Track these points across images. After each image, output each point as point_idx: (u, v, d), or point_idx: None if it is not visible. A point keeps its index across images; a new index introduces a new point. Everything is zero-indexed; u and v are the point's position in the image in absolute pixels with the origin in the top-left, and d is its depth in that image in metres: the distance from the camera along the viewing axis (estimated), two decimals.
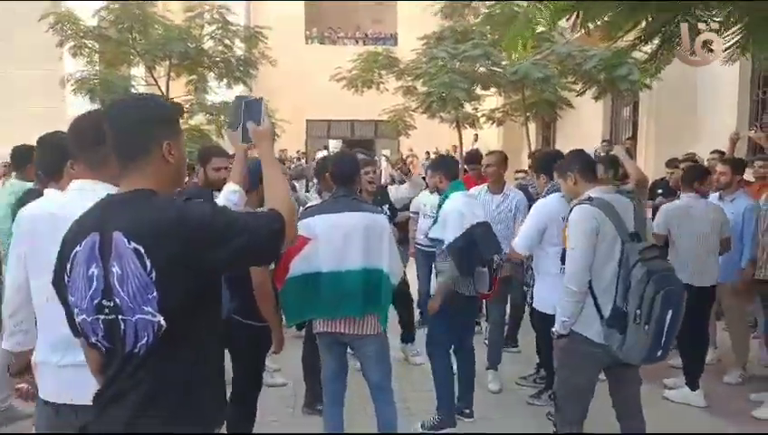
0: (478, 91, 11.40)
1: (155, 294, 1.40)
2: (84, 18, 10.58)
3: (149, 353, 1.43)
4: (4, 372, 3.77)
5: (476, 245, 3.47)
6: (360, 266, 2.83)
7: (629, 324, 2.42)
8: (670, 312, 2.38)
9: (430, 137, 16.35)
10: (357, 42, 20.63)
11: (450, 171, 3.86)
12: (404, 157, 19.92)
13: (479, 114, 12.89)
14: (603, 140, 10.97)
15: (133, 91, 11.01)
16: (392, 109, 13.89)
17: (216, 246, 1.42)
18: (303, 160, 17.44)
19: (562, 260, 2.96)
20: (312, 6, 21.21)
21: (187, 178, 3.90)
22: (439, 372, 3.66)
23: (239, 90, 14.03)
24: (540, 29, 10.08)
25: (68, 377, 1.83)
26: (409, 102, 13.09)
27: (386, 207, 4.63)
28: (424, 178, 5.56)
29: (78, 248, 1.47)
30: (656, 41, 4.32)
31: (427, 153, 18.12)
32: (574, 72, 9.64)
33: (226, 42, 11.75)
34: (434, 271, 4.19)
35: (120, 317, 1.43)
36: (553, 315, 2.76)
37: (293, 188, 4.18)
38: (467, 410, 3.87)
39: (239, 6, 15.02)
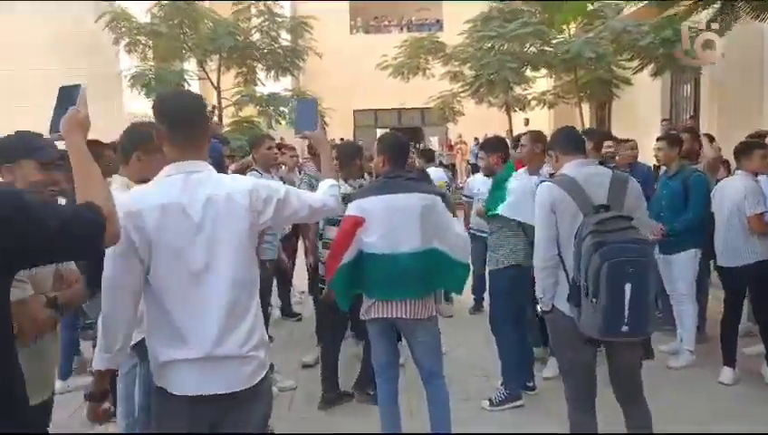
0: (528, 72, 11.11)
1: None
2: (137, 16, 10.97)
3: None
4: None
5: None
6: (418, 248, 2.80)
7: (582, 298, 2.39)
8: (629, 285, 2.26)
9: (480, 123, 16.07)
10: (402, 29, 20.47)
11: (506, 152, 3.98)
12: (452, 143, 19.78)
13: (529, 97, 12.58)
14: (663, 119, 10.49)
15: (185, 85, 11.32)
16: (439, 95, 13.73)
17: (32, 227, 1.25)
18: None
19: None
20: None
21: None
22: (506, 349, 3.74)
23: (287, 81, 14.21)
24: (591, 6, 9.78)
25: None
26: (456, 88, 12.91)
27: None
28: (473, 165, 5.49)
29: None
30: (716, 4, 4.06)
31: (476, 139, 17.88)
32: (630, 48, 9.23)
33: (273, 33, 11.92)
34: (487, 254, 4.13)
35: None
36: None
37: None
38: (530, 384, 3.88)
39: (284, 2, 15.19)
